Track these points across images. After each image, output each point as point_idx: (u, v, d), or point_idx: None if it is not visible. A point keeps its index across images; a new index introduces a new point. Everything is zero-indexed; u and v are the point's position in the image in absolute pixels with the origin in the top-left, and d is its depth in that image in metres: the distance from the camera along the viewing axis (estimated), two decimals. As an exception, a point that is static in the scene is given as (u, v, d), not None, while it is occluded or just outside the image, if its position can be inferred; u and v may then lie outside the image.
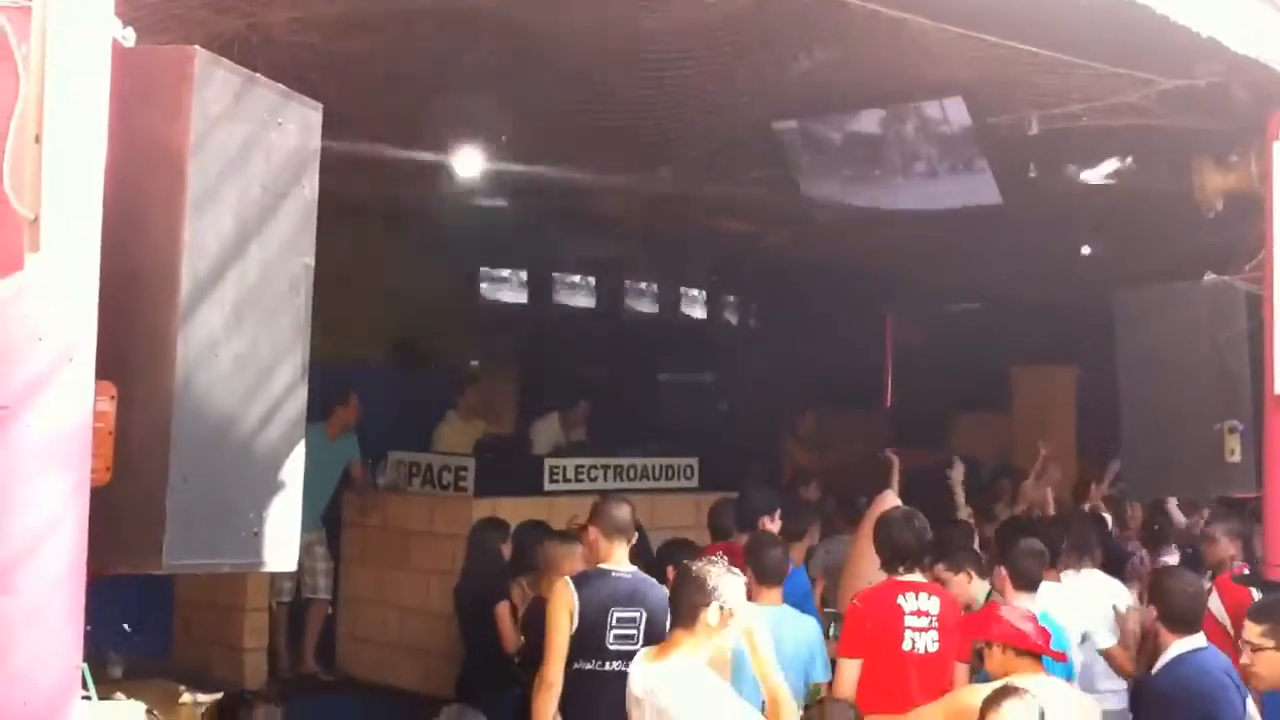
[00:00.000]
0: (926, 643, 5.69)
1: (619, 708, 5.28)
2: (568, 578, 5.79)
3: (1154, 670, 5.37)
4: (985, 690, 4.60)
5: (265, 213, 3.42)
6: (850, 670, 5.65)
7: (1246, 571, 6.55)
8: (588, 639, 5.57)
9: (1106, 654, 6.50)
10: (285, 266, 3.46)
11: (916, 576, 5.86)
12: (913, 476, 11.79)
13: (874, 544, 6.11)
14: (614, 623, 5.61)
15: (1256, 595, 5.76)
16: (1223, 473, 6.30)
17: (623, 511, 5.83)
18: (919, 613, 5.70)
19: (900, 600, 5.73)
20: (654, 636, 5.52)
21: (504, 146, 7.71)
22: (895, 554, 5.88)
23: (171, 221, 3.23)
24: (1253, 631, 4.84)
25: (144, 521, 3.20)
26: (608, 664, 5.53)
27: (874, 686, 5.52)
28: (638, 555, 6.55)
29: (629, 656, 5.29)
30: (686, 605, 4.46)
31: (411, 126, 7.26)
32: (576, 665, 5.55)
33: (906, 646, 5.66)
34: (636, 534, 5.95)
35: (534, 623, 6.26)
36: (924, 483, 11.48)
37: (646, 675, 4.49)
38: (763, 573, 5.97)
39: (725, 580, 4.44)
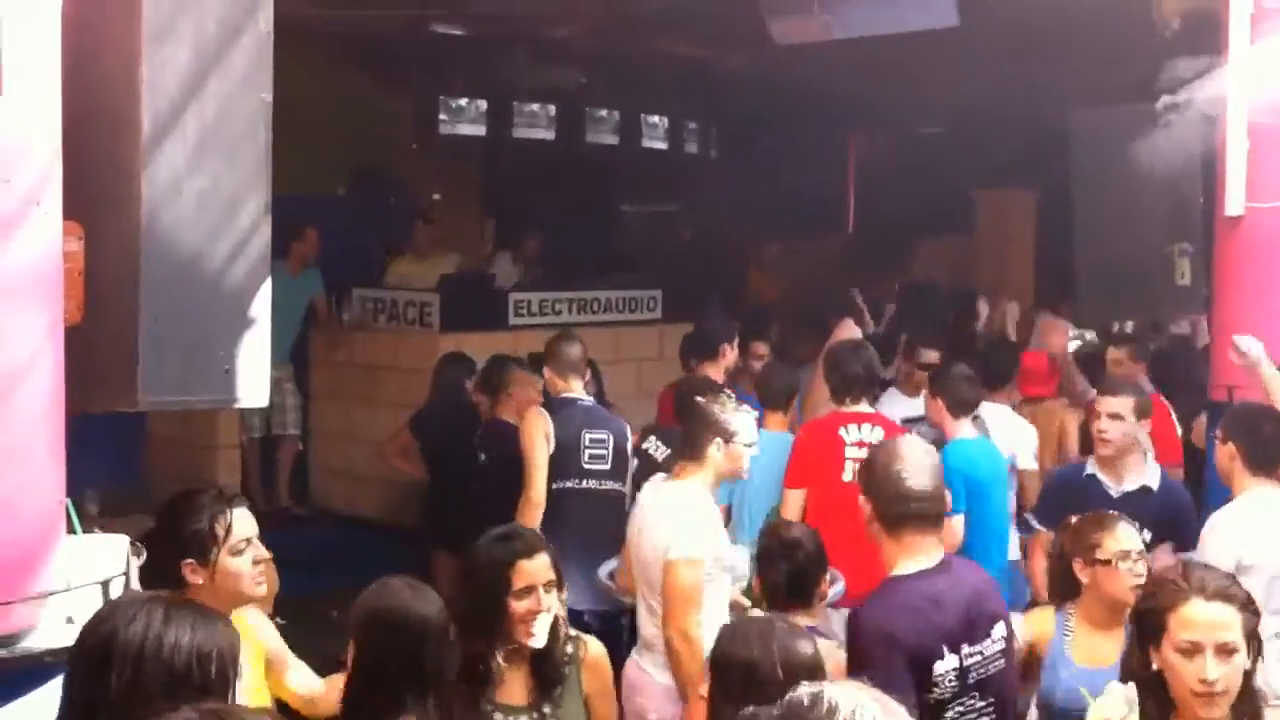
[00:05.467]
0: None
1: (595, 522, 5.69)
2: (539, 406, 6.03)
3: None
4: None
5: (222, 48, 3.41)
6: (795, 500, 5.73)
7: None
8: (564, 460, 5.84)
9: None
10: (244, 102, 3.46)
11: (863, 407, 5.89)
12: (878, 302, 11.99)
13: (822, 375, 6.21)
14: (587, 443, 5.89)
15: None
16: (1173, 295, 6.40)
17: (574, 349, 6.10)
18: (860, 444, 5.69)
19: (842, 432, 5.78)
20: (618, 457, 5.89)
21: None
22: (842, 384, 5.90)
23: (129, 59, 3.23)
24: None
25: (118, 359, 3.27)
26: (584, 482, 5.84)
27: (819, 515, 5.52)
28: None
29: (601, 475, 5.78)
30: (693, 438, 4.67)
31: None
32: (555, 485, 5.81)
33: (847, 477, 5.61)
34: (589, 369, 6.14)
35: (493, 441, 6.49)
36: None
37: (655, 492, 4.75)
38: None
39: (733, 416, 4.67)
